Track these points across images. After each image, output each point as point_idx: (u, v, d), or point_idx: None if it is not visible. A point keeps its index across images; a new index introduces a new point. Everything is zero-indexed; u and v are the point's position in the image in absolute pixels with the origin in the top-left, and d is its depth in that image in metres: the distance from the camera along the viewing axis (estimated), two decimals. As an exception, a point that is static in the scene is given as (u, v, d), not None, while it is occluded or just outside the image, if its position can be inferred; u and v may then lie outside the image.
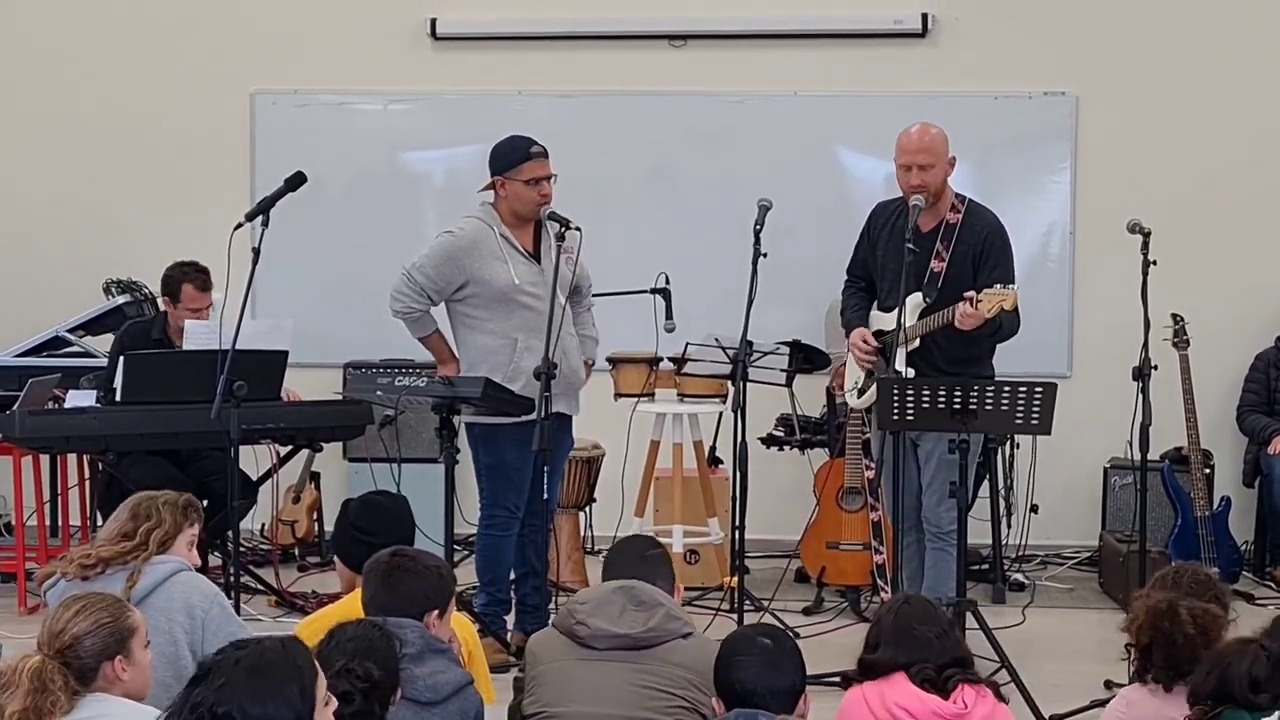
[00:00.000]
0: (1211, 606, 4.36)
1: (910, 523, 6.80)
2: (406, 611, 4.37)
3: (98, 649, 3.93)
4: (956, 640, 4.43)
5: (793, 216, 8.08)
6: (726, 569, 7.63)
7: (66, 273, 9.37)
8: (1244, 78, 8.99)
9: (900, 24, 9.14)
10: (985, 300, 6.40)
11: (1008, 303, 6.39)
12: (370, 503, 5.51)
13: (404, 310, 6.75)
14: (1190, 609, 4.25)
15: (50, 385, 7.70)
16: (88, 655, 3.91)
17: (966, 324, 6.42)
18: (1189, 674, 4.14)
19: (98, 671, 3.93)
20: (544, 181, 6.69)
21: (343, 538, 5.41)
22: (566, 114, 9.11)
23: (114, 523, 4.95)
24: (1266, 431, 8.49)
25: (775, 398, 8.14)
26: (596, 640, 4.47)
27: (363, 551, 5.02)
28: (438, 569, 4.56)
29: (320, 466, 8.91)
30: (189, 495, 5.10)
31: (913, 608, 4.49)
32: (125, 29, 9.56)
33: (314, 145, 9.23)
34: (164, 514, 4.89)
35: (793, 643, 4.28)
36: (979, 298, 6.40)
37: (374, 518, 5.36)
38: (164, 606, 4.71)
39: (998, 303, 6.40)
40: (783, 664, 4.15)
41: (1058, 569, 8.78)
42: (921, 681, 4.27)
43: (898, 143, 6.74)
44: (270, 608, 7.67)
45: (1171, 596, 4.33)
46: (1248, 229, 9.00)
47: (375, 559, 4.57)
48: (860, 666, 4.47)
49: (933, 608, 4.50)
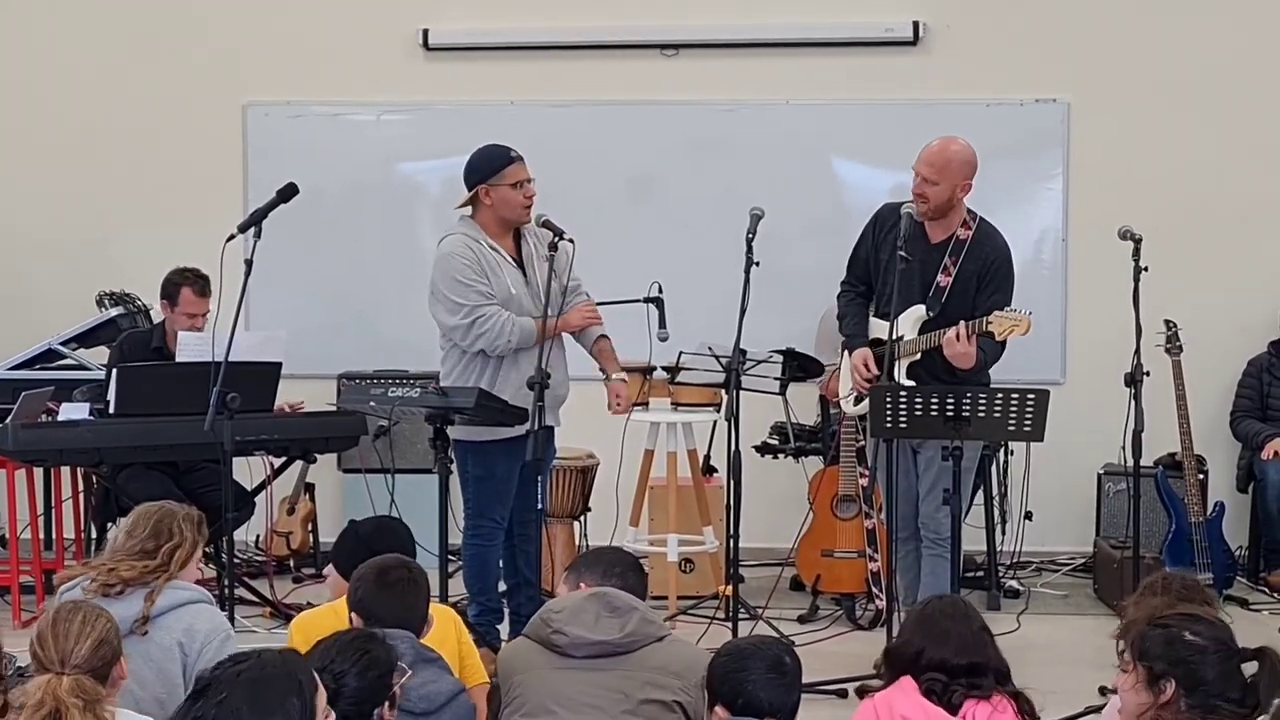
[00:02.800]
0: (1206, 609, 4.36)
1: (908, 530, 6.81)
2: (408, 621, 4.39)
3: (110, 655, 3.94)
4: (984, 644, 4.36)
5: (785, 225, 8.08)
6: (721, 577, 7.64)
7: (60, 285, 9.37)
8: (1236, 84, 9.00)
9: (892, 32, 9.15)
10: (997, 323, 6.42)
11: (1020, 329, 6.40)
12: (384, 525, 5.54)
13: (493, 327, 6.54)
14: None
15: (44, 398, 7.69)
16: (101, 663, 3.91)
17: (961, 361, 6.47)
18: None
19: (109, 677, 3.93)
20: (528, 183, 6.71)
21: (349, 552, 5.38)
22: (559, 123, 9.12)
23: (132, 538, 4.81)
24: (1260, 437, 8.50)
25: (769, 406, 8.15)
26: (575, 648, 4.47)
27: None
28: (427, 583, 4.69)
29: (314, 478, 8.91)
30: (197, 510, 5.07)
31: (943, 603, 4.49)
32: (117, 41, 9.56)
33: (307, 156, 9.24)
34: (185, 531, 4.82)
35: (795, 657, 4.30)
36: (990, 320, 6.43)
37: (388, 540, 5.35)
38: (173, 626, 4.67)
39: (1010, 326, 6.41)
40: (788, 680, 4.17)
41: (1052, 575, 8.79)
42: (927, 692, 4.26)
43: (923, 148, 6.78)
44: (265, 619, 7.66)
45: (1165, 603, 4.33)
46: (1240, 235, 9.00)
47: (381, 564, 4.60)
48: (884, 656, 4.48)
49: (965, 607, 4.47)
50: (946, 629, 4.33)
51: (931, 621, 4.36)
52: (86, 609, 4.03)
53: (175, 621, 4.67)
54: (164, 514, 4.86)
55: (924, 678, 4.27)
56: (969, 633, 4.35)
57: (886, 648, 4.51)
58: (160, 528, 4.79)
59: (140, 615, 4.55)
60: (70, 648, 3.87)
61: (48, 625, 3.95)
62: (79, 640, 3.89)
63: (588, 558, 5.15)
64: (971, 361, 6.53)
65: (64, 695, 3.62)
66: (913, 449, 6.76)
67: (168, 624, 4.65)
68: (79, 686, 3.66)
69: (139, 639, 4.49)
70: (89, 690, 3.68)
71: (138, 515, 4.87)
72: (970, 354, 6.51)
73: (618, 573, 4.90)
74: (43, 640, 3.91)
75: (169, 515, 4.85)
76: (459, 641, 4.95)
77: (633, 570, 5.00)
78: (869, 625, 7.64)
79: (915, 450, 6.76)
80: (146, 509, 4.89)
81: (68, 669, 3.80)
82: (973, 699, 4.24)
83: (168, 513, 4.86)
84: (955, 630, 4.33)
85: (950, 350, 6.53)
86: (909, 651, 4.33)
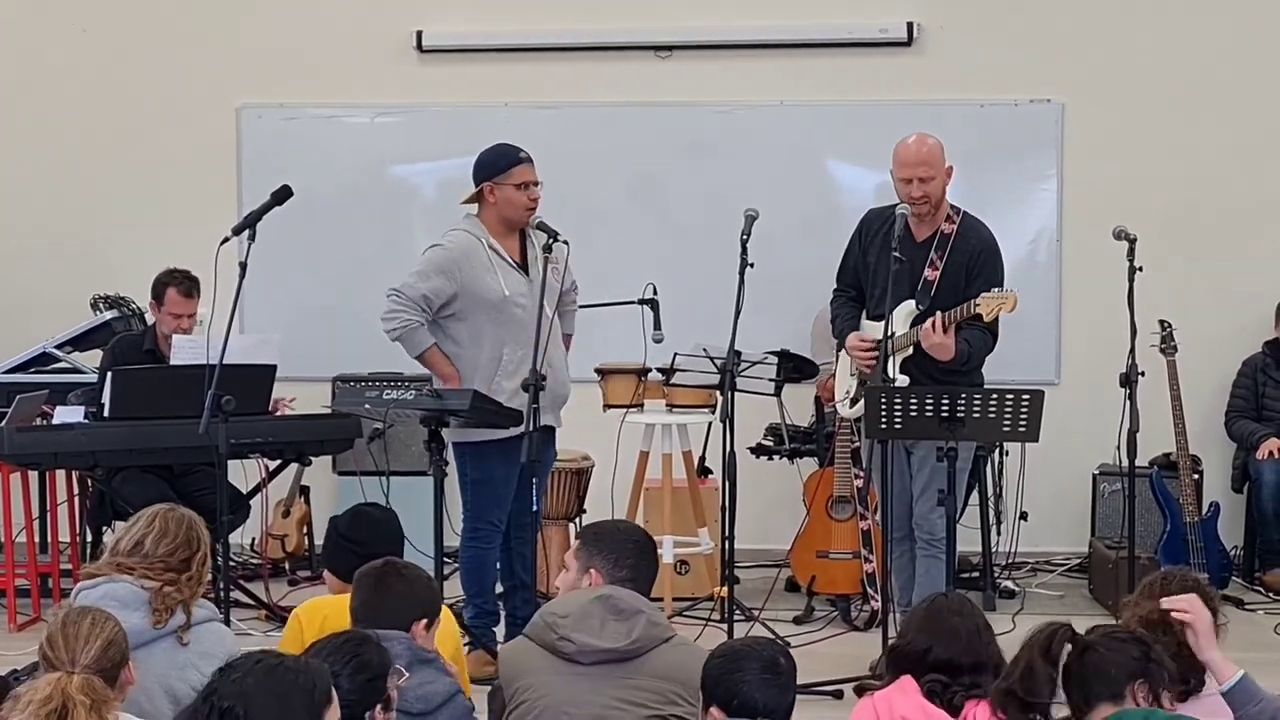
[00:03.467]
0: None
1: (902, 531, 6.81)
2: (396, 620, 4.39)
3: (118, 658, 3.94)
4: (988, 643, 4.34)
5: (780, 226, 8.07)
6: (717, 579, 7.63)
7: (54, 288, 9.36)
8: (1230, 84, 9.01)
9: (886, 33, 9.15)
10: (985, 304, 6.44)
11: (1007, 305, 6.43)
12: (359, 513, 5.56)
13: (400, 326, 6.69)
14: None
15: (38, 402, 7.69)
16: (110, 665, 3.91)
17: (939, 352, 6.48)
18: (1184, 681, 4.14)
19: (116, 680, 3.93)
20: (533, 186, 6.72)
21: (332, 548, 5.44)
22: (553, 125, 9.11)
23: (163, 546, 4.65)
24: (1255, 437, 8.50)
25: (764, 407, 8.14)
26: (582, 656, 4.44)
27: (353, 561, 5.04)
28: (427, 579, 4.65)
29: (309, 480, 8.90)
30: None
31: (949, 601, 4.47)
32: (110, 44, 9.56)
33: (301, 159, 9.23)
34: (204, 537, 4.77)
35: (790, 658, 4.28)
36: (978, 301, 6.45)
37: (363, 528, 5.41)
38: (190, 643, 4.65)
39: (997, 306, 6.44)
40: (782, 682, 4.16)
41: (1048, 576, 8.79)
42: (929, 693, 4.25)
43: (895, 155, 6.75)
44: (260, 622, 7.65)
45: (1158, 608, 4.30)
46: (1235, 234, 9.01)
47: (367, 567, 4.62)
48: (887, 654, 4.47)
49: (970, 605, 4.44)
50: (955, 626, 4.30)
51: (939, 619, 4.33)
52: (95, 612, 4.04)
53: (195, 640, 4.65)
54: (189, 521, 4.76)
55: (927, 678, 4.25)
56: (974, 630, 4.34)
57: (891, 645, 4.48)
58: (191, 535, 4.71)
59: (181, 625, 4.53)
60: (80, 648, 3.89)
61: (58, 627, 3.97)
62: (88, 641, 3.91)
63: (601, 536, 4.95)
64: (950, 353, 6.53)
65: (73, 693, 3.62)
66: (907, 450, 6.76)
67: (191, 644, 4.62)
68: (88, 686, 3.66)
69: (152, 650, 4.46)
70: (98, 691, 3.68)
71: (164, 522, 4.73)
72: (948, 345, 6.51)
73: (629, 563, 4.82)
74: (53, 641, 3.93)
75: (194, 522, 4.77)
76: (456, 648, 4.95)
77: (644, 557, 4.88)
78: (864, 626, 7.64)
79: (910, 451, 6.77)
80: (166, 515, 4.77)
81: (77, 669, 3.81)
82: (973, 699, 4.23)
83: (191, 519, 4.78)
84: (963, 627, 4.31)
85: (927, 341, 6.53)
86: (915, 650, 4.30)
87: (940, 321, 6.53)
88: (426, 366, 6.87)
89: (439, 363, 6.78)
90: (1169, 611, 4.23)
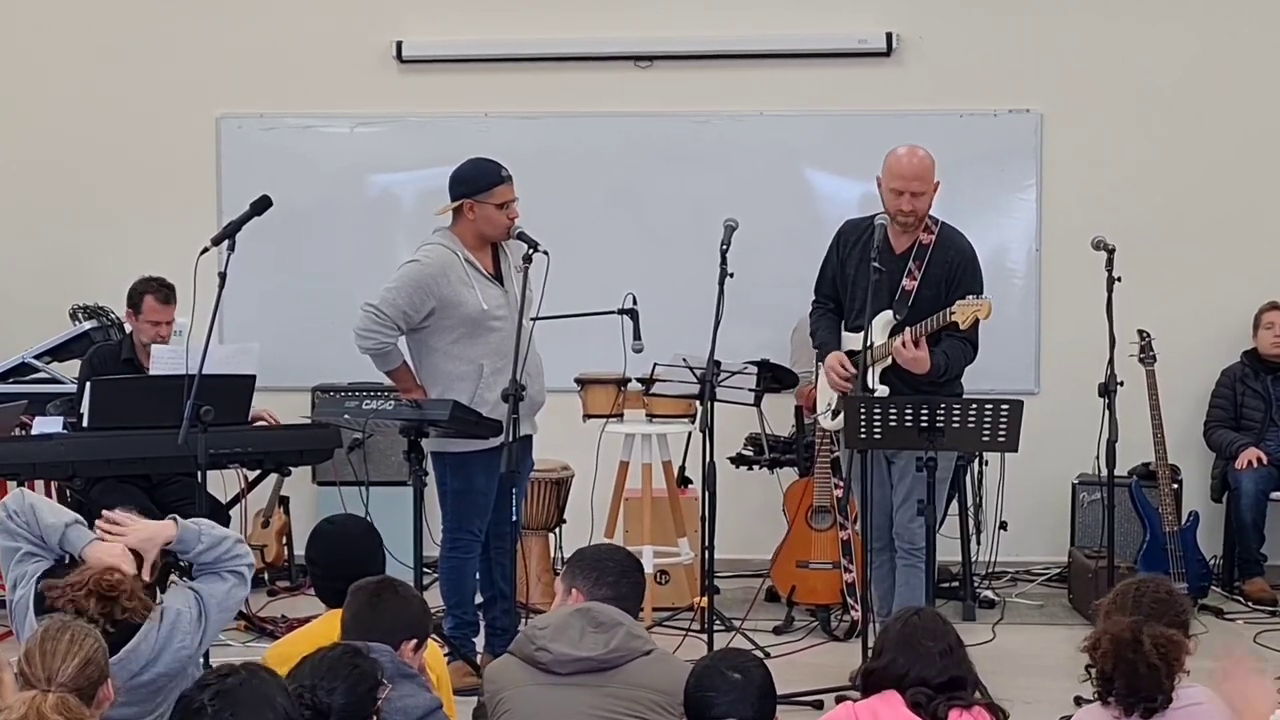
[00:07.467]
0: (1174, 633, 4.29)
1: (882, 541, 6.82)
2: (385, 637, 4.38)
3: (96, 676, 3.90)
4: (961, 658, 4.34)
5: (759, 236, 8.08)
6: (697, 589, 7.63)
7: (33, 299, 9.33)
8: (1208, 95, 9.04)
9: (865, 43, 9.16)
10: (960, 312, 6.45)
11: (982, 311, 6.44)
12: (315, 533, 5.51)
13: (374, 346, 6.70)
14: (1154, 638, 4.17)
15: (16, 412, 7.67)
16: (88, 684, 3.87)
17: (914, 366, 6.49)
18: (1151, 700, 4.13)
19: (94, 698, 3.90)
20: (513, 205, 6.72)
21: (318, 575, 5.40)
22: (533, 135, 9.12)
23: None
24: (1234, 446, 8.53)
25: (744, 417, 8.15)
26: (559, 665, 4.43)
27: (316, 581, 5.07)
28: (422, 601, 4.68)
29: (289, 490, 8.88)
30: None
31: (922, 620, 4.44)
32: (88, 53, 9.54)
33: (280, 169, 9.21)
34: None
35: (764, 670, 4.27)
36: (952, 310, 6.46)
37: (317, 547, 5.38)
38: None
39: (972, 313, 6.45)
40: (755, 696, 4.15)
41: (1027, 585, 8.80)
42: (914, 705, 4.25)
43: (888, 165, 6.73)
44: (240, 632, 7.63)
45: (1135, 622, 4.27)
46: (1213, 245, 9.03)
47: (364, 581, 4.64)
48: (863, 676, 4.46)
49: (942, 622, 4.43)
50: (930, 648, 4.31)
51: (914, 640, 4.33)
52: (75, 628, 3.99)
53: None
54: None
55: (910, 692, 4.26)
56: (949, 648, 4.34)
57: (867, 668, 4.46)
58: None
59: None
60: (57, 666, 3.83)
61: (35, 643, 3.92)
62: (65, 659, 3.85)
63: (584, 558, 4.97)
64: (925, 366, 6.53)
65: (47, 711, 3.59)
66: (887, 459, 6.76)
67: None
68: (63, 704, 3.63)
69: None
70: (73, 709, 3.64)
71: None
72: (921, 358, 6.52)
73: (610, 581, 4.82)
74: (30, 657, 3.87)
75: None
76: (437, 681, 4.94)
77: (626, 577, 4.87)
78: (844, 636, 7.64)
79: (890, 461, 6.77)
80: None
81: (53, 687, 3.77)
82: (957, 709, 4.23)
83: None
84: (938, 648, 4.31)
85: (901, 358, 6.54)
86: (893, 673, 4.30)
87: (908, 337, 6.53)
88: (394, 381, 6.93)
89: (406, 379, 6.82)
90: (1143, 630, 4.21)
